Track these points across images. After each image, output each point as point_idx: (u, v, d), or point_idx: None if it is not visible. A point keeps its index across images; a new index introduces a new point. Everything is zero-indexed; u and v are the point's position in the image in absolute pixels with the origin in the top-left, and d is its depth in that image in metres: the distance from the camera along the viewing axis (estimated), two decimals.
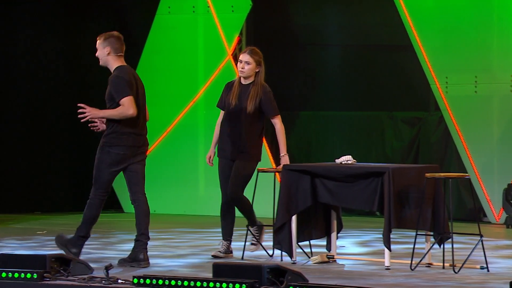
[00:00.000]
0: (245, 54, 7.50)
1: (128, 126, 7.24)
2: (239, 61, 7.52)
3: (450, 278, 6.59)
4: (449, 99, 10.53)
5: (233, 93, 7.48)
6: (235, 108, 7.45)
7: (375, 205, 6.98)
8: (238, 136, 7.46)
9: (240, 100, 7.45)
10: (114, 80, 7.19)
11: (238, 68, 7.53)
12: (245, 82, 7.51)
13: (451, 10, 10.46)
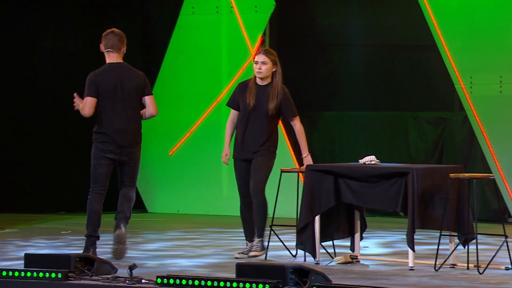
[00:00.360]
0: (261, 54, 7.48)
1: (104, 124, 7.51)
2: (255, 62, 7.49)
3: (474, 279, 6.56)
4: (473, 99, 10.47)
5: (249, 94, 7.45)
6: (253, 109, 7.43)
7: (399, 206, 6.96)
8: (256, 136, 7.45)
9: (258, 101, 7.43)
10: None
11: (254, 69, 7.50)
12: (262, 83, 7.48)
13: (476, 10, 10.41)
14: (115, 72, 7.43)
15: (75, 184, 11.71)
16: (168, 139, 11.62)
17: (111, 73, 7.41)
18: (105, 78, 7.40)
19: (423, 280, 6.51)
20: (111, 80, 7.41)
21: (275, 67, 7.48)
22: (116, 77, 7.44)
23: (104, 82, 7.40)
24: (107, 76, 7.41)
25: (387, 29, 11.26)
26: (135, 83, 7.47)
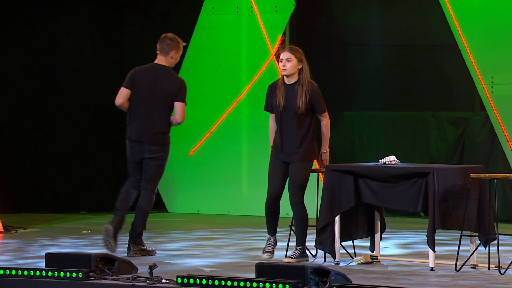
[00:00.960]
0: (285, 51, 7.44)
1: (131, 119, 7.80)
2: (280, 60, 7.47)
3: (495, 280, 6.53)
4: (494, 99, 10.43)
5: (278, 94, 7.42)
6: (284, 109, 7.41)
7: (419, 206, 6.94)
8: (291, 137, 7.41)
9: (288, 100, 7.39)
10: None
11: (280, 67, 7.49)
12: (290, 82, 7.44)
13: (497, 9, 10.36)
14: (153, 73, 7.76)
15: (95, 184, 11.76)
16: (188, 139, 11.63)
17: (149, 72, 7.78)
18: (143, 75, 7.78)
19: (444, 281, 6.48)
20: (146, 78, 7.75)
21: (301, 64, 7.42)
22: (152, 76, 7.75)
23: (140, 78, 7.77)
24: (145, 73, 7.78)
25: (407, 29, 11.23)
26: (168, 87, 7.70)
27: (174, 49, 7.83)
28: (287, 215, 10.00)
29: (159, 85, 7.68)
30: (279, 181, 7.44)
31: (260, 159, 11.32)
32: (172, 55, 7.84)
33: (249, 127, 11.43)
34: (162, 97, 7.68)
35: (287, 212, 10.48)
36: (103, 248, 7.45)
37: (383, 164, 7.26)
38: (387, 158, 7.30)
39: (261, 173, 11.32)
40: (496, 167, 10.50)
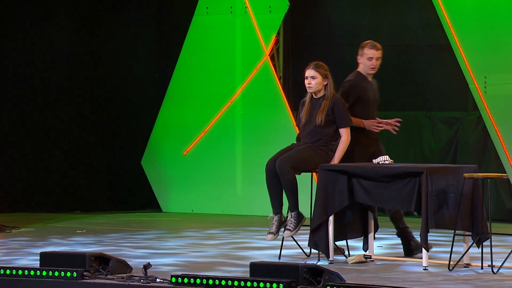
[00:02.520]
0: (310, 69, 7.54)
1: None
2: (305, 77, 7.54)
3: (488, 279, 6.54)
4: (487, 99, 10.44)
5: (305, 109, 7.55)
6: (305, 123, 7.51)
7: (413, 205, 6.95)
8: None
9: (310, 114, 7.51)
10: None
11: (305, 84, 7.55)
12: (317, 96, 7.57)
13: (490, 10, 10.38)
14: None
15: (90, 184, 11.75)
16: (182, 139, 11.63)
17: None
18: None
19: (437, 280, 6.49)
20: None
21: (326, 80, 7.54)
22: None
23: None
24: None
25: (401, 29, 11.24)
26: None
27: (358, 54, 7.84)
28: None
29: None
30: (279, 155, 7.40)
31: (254, 159, 11.33)
32: (358, 58, 7.87)
33: (243, 127, 11.43)
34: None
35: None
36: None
37: (377, 164, 7.27)
38: (381, 158, 7.31)
39: (256, 172, 11.35)
40: (489, 166, 10.51)
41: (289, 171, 7.30)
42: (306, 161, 7.35)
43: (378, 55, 7.70)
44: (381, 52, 7.75)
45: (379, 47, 7.76)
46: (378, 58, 7.71)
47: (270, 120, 11.24)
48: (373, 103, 7.78)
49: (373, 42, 7.80)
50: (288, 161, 7.31)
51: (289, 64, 11.62)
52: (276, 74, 11.37)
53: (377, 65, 7.73)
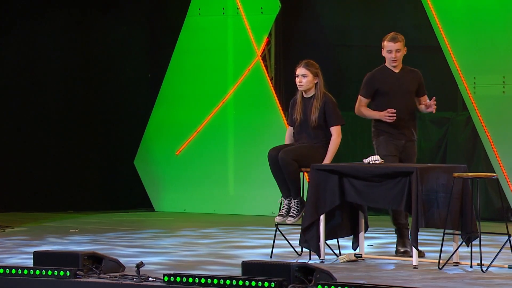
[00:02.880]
0: (301, 67, 7.52)
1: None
2: (296, 76, 7.53)
3: (478, 277, 6.56)
4: (477, 99, 10.47)
5: (297, 108, 7.53)
6: (300, 122, 7.50)
7: (403, 205, 6.96)
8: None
9: (305, 114, 7.50)
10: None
11: (296, 82, 7.53)
12: (307, 95, 7.55)
13: (480, 11, 10.40)
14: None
15: (83, 183, 11.73)
16: (175, 139, 11.63)
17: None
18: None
19: (427, 279, 6.50)
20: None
21: (317, 78, 7.53)
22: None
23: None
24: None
25: (391, 30, 11.22)
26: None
27: (382, 47, 7.83)
28: (273, 214, 10.00)
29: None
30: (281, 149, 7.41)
31: (246, 158, 11.33)
32: (383, 54, 7.88)
33: (235, 127, 11.43)
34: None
35: (272, 211, 10.51)
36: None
37: (367, 163, 7.28)
38: (371, 157, 7.32)
39: (248, 172, 11.36)
40: (478, 166, 10.53)
41: (292, 163, 7.32)
42: (307, 158, 7.36)
43: (397, 47, 7.65)
44: (401, 44, 7.69)
45: (398, 38, 7.69)
46: (398, 50, 7.66)
47: (262, 120, 11.25)
48: (396, 94, 7.62)
49: (394, 34, 7.76)
50: (290, 153, 7.34)
51: (280, 65, 11.63)
52: (268, 74, 11.37)
53: (398, 57, 7.68)
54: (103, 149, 11.82)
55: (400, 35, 7.75)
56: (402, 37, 7.76)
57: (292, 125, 7.63)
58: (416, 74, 7.83)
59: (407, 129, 7.71)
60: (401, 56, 7.72)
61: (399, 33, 7.85)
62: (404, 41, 7.75)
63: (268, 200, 10.62)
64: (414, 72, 7.83)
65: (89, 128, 11.77)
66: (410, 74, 7.77)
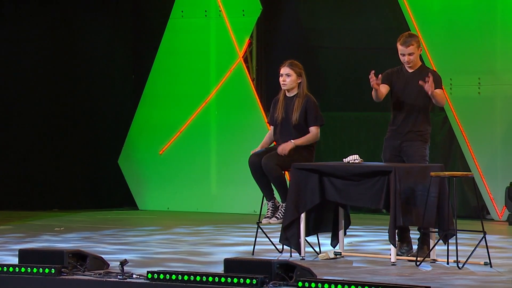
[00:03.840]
0: (285, 67, 7.49)
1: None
2: (280, 75, 7.51)
3: (454, 274, 6.58)
4: (453, 100, 10.50)
5: (279, 107, 7.50)
6: (282, 121, 7.48)
7: (381, 203, 6.97)
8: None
9: (286, 113, 7.47)
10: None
11: (280, 81, 7.51)
12: (290, 95, 7.53)
13: (456, 13, 10.44)
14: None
15: (67, 182, 11.68)
16: (159, 138, 11.60)
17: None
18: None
19: (405, 275, 6.51)
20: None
21: (300, 78, 7.50)
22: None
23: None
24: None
25: (370, 32, 11.28)
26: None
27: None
28: (255, 212, 9.99)
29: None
30: (262, 155, 7.38)
31: (228, 158, 11.32)
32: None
33: (218, 127, 11.42)
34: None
35: (254, 209, 10.50)
36: None
37: (347, 163, 7.28)
38: (351, 157, 7.32)
39: (230, 171, 11.35)
40: (455, 165, 10.57)
41: (276, 169, 7.32)
42: (289, 161, 7.36)
43: (409, 51, 7.26)
44: (413, 47, 7.22)
45: (411, 42, 7.23)
46: (411, 54, 7.26)
47: (243, 120, 11.24)
48: (403, 93, 7.37)
49: (406, 37, 7.30)
50: (273, 159, 7.33)
51: (262, 66, 11.62)
52: (250, 76, 11.37)
53: (411, 59, 7.27)
54: (88, 148, 11.77)
55: (413, 37, 7.30)
56: (416, 39, 7.31)
57: (272, 124, 7.62)
58: (428, 73, 7.26)
59: (408, 129, 7.46)
60: (415, 57, 7.30)
61: (412, 33, 7.37)
62: (418, 42, 7.29)
63: (249, 199, 10.61)
64: (428, 72, 7.30)
65: (74, 128, 11.72)
66: (422, 74, 7.31)
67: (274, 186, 7.44)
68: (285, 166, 7.39)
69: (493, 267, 6.84)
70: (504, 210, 10.26)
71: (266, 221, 7.47)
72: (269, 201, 7.50)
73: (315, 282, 5.62)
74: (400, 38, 7.39)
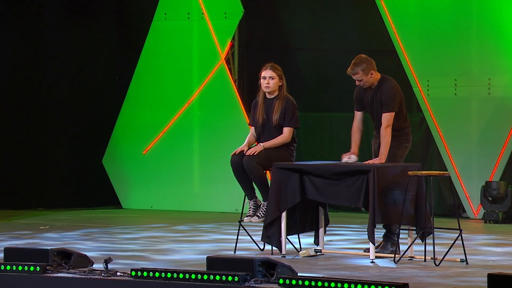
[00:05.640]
0: (268, 70, 7.50)
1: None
2: (263, 78, 7.50)
3: (431, 271, 6.60)
4: (430, 101, 10.54)
5: (259, 109, 7.50)
6: (263, 123, 7.48)
7: (361, 202, 6.98)
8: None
9: (267, 114, 7.48)
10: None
11: (262, 84, 7.50)
12: (270, 97, 7.54)
13: (432, 16, 10.47)
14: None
15: (52, 181, 11.63)
16: (142, 138, 11.57)
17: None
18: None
19: (383, 272, 6.52)
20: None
21: (281, 81, 7.53)
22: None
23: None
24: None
25: (350, 34, 11.29)
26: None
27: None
28: (236, 210, 9.97)
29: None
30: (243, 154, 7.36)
31: (211, 157, 11.30)
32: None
33: (200, 128, 11.40)
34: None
35: (236, 208, 10.48)
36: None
37: (345, 162, 7.27)
38: (347, 157, 7.32)
39: (212, 170, 11.33)
40: (432, 165, 10.60)
41: (257, 167, 7.32)
42: (271, 159, 7.36)
43: (358, 78, 7.33)
44: (360, 75, 7.29)
45: (355, 70, 7.30)
46: (360, 80, 7.33)
47: (226, 120, 11.23)
48: (370, 108, 7.46)
49: (352, 65, 7.36)
50: (255, 159, 7.33)
51: (244, 68, 11.62)
52: (232, 77, 11.36)
53: (363, 84, 7.33)
54: (73, 148, 11.72)
55: (359, 66, 7.33)
56: (362, 66, 7.33)
57: (254, 125, 7.62)
58: (383, 92, 7.40)
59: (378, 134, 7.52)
60: (367, 80, 7.36)
61: (359, 60, 7.34)
62: (365, 68, 7.31)
63: (231, 197, 10.60)
64: (383, 90, 7.40)
65: (59, 128, 11.68)
66: (381, 89, 7.40)
67: (255, 185, 7.44)
68: (267, 166, 7.39)
69: (468, 263, 6.87)
70: (480, 208, 10.30)
71: (247, 219, 7.48)
72: (251, 200, 7.51)
73: (296, 279, 5.62)
74: (350, 64, 7.41)
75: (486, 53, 10.26)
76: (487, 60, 10.27)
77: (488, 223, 9.96)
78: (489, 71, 10.27)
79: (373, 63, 7.43)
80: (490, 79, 10.29)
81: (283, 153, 7.46)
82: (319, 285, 5.48)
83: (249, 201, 7.52)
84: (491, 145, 10.22)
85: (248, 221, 7.49)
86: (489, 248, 7.88)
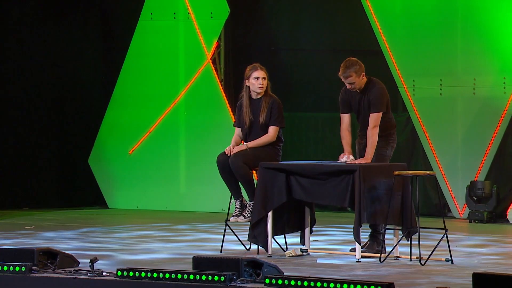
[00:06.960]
0: (260, 70, 7.51)
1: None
2: (255, 78, 7.48)
3: (417, 270, 6.61)
4: (416, 101, 10.57)
5: (245, 110, 7.50)
6: (250, 123, 7.48)
7: (346, 201, 6.99)
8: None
9: (254, 114, 7.48)
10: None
11: (255, 85, 7.47)
12: (256, 97, 7.54)
13: (418, 16, 10.51)
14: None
15: (37, 181, 11.59)
16: (128, 138, 11.55)
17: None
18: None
19: (369, 271, 6.54)
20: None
21: (268, 81, 7.55)
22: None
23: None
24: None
25: (336, 34, 11.31)
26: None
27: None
28: (223, 210, 9.97)
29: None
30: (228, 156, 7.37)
31: (197, 157, 11.30)
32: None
33: (187, 127, 11.39)
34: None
35: (222, 208, 10.48)
36: None
37: (344, 162, 7.27)
38: (344, 158, 7.33)
39: (198, 170, 11.32)
40: (417, 165, 10.63)
41: (243, 167, 7.32)
42: (257, 159, 7.37)
43: (349, 81, 7.29)
44: (352, 78, 7.25)
45: (348, 74, 7.26)
46: (352, 83, 7.29)
47: (212, 120, 11.23)
48: (356, 110, 7.46)
49: (344, 68, 7.29)
50: (240, 157, 7.33)
51: (230, 68, 11.62)
52: (218, 77, 11.36)
53: (354, 87, 7.31)
54: (59, 148, 11.70)
55: (351, 68, 7.24)
56: (355, 68, 7.26)
57: (240, 126, 7.62)
58: (371, 93, 7.38)
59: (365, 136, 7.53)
60: (358, 83, 7.33)
61: (350, 62, 7.27)
62: (357, 70, 7.26)
63: (217, 197, 10.60)
64: (371, 92, 7.37)
65: (45, 128, 11.65)
66: (368, 91, 7.38)
67: (241, 184, 7.44)
68: (253, 165, 7.39)
69: (454, 263, 6.89)
70: (465, 208, 10.34)
71: (234, 219, 7.48)
72: (237, 200, 7.51)
73: (282, 279, 5.62)
74: (340, 68, 7.35)
75: (471, 53, 10.30)
76: (472, 60, 10.31)
77: (473, 223, 10.00)
78: (474, 71, 10.31)
79: (363, 65, 7.43)
80: (475, 79, 10.33)
81: (270, 153, 7.46)
82: (305, 285, 5.48)
83: (235, 200, 7.52)
84: (476, 145, 10.26)
85: (234, 221, 7.49)
86: (474, 248, 7.91)
